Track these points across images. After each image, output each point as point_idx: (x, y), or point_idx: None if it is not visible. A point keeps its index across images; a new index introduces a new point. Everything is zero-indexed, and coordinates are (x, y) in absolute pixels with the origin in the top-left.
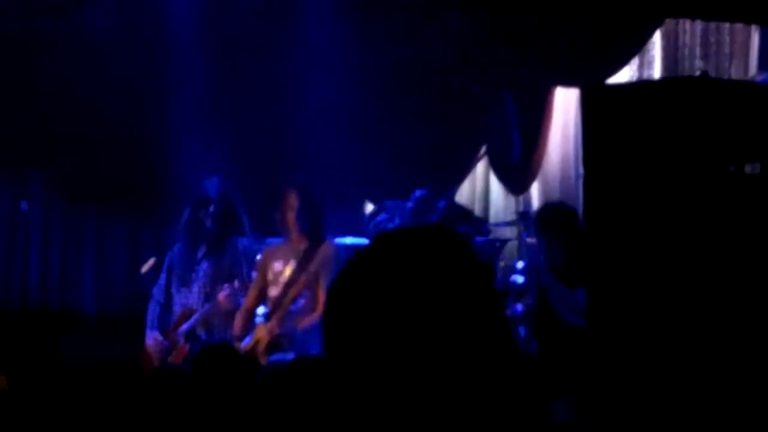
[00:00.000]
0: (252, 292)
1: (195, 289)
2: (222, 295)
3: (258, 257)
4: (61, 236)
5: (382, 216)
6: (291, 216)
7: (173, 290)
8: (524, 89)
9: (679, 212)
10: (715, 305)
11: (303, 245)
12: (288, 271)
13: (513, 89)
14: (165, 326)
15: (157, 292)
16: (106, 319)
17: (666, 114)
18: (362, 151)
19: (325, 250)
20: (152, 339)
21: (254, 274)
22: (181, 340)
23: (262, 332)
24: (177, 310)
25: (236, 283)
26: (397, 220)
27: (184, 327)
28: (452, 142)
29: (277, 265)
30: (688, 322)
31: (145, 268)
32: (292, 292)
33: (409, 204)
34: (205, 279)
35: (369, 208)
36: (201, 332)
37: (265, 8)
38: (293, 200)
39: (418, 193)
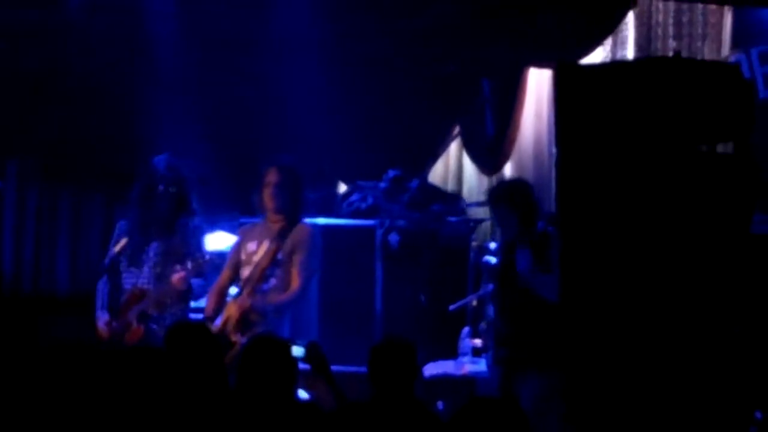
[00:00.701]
0: (225, 272)
1: (145, 269)
2: (175, 277)
3: (205, 236)
4: (35, 216)
5: (355, 196)
6: (269, 194)
7: (122, 269)
8: (497, 69)
9: (652, 191)
10: (688, 284)
11: (278, 225)
12: (261, 251)
13: (486, 69)
14: (114, 305)
15: (107, 272)
16: (81, 299)
17: (639, 94)
18: (335, 132)
19: (299, 231)
20: (103, 322)
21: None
22: (134, 322)
23: (232, 309)
24: (127, 289)
25: (189, 264)
26: (370, 200)
27: (136, 308)
28: (425, 122)
29: (251, 245)
30: (662, 301)
31: (117, 248)
32: (260, 267)
33: (382, 184)
34: (156, 259)
35: (342, 188)
36: (154, 313)
37: None
38: (272, 178)
39: (391, 173)
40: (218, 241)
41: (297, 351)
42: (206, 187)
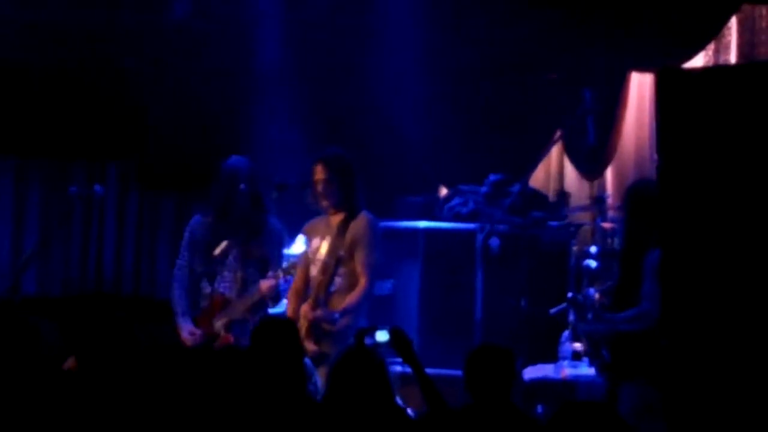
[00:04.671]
0: (299, 272)
1: (227, 274)
2: (265, 285)
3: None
4: (135, 220)
5: (456, 200)
6: (320, 193)
7: (200, 272)
8: (599, 75)
9: (756, 199)
10: None
11: (338, 219)
12: (324, 248)
13: (588, 76)
14: (193, 311)
15: (181, 275)
16: None
17: (742, 99)
18: (437, 136)
19: (357, 224)
20: (187, 331)
21: (288, 256)
22: (222, 331)
23: (304, 314)
24: (207, 294)
25: (279, 272)
26: (471, 205)
27: (220, 316)
28: (527, 127)
29: (314, 242)
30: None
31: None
32: (325, 269)
33: (484, 188)
34: (237, 265)
35: (443, 192)
36: (238, 319)
37: None
38: (319, 175)
39: (492, 177)
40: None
41: (381, 336)
42: (307, 192)
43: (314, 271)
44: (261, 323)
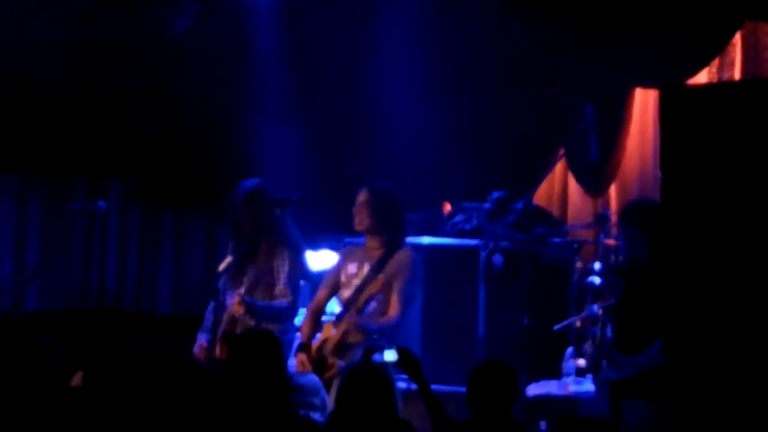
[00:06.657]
0: (321, 292)
1: (241, 291)
2: (232, 302)
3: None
4: (138, 236)
5: (459, 217)
6: (357, 214)
7: (225, 290)
8: (602, 91)
9: (759, 217)
10: None
11: (380, 250)
12: (361, 275)
13: (591, 91)
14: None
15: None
16: (182, 319)
17: (746, 116)
18: (440, 152)
19: (400, 258)
20: (197, 345)
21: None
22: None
23: (329, 331)
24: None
25: (242, 290)
26: (474, 222)
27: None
28: (530, 143)
29: (351, 267)
30: None
31: (222, 267)
32: (363, 296)
33: (487, 205)
34: (249, 282)
35: (447, 208)
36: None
37: (345, 13)
38: (361, 198)
39: (495, 194)
40: (322, 259)
41: (389, 356)
42: (309, 208)
43: (347, 293)
44: (240, 338)
